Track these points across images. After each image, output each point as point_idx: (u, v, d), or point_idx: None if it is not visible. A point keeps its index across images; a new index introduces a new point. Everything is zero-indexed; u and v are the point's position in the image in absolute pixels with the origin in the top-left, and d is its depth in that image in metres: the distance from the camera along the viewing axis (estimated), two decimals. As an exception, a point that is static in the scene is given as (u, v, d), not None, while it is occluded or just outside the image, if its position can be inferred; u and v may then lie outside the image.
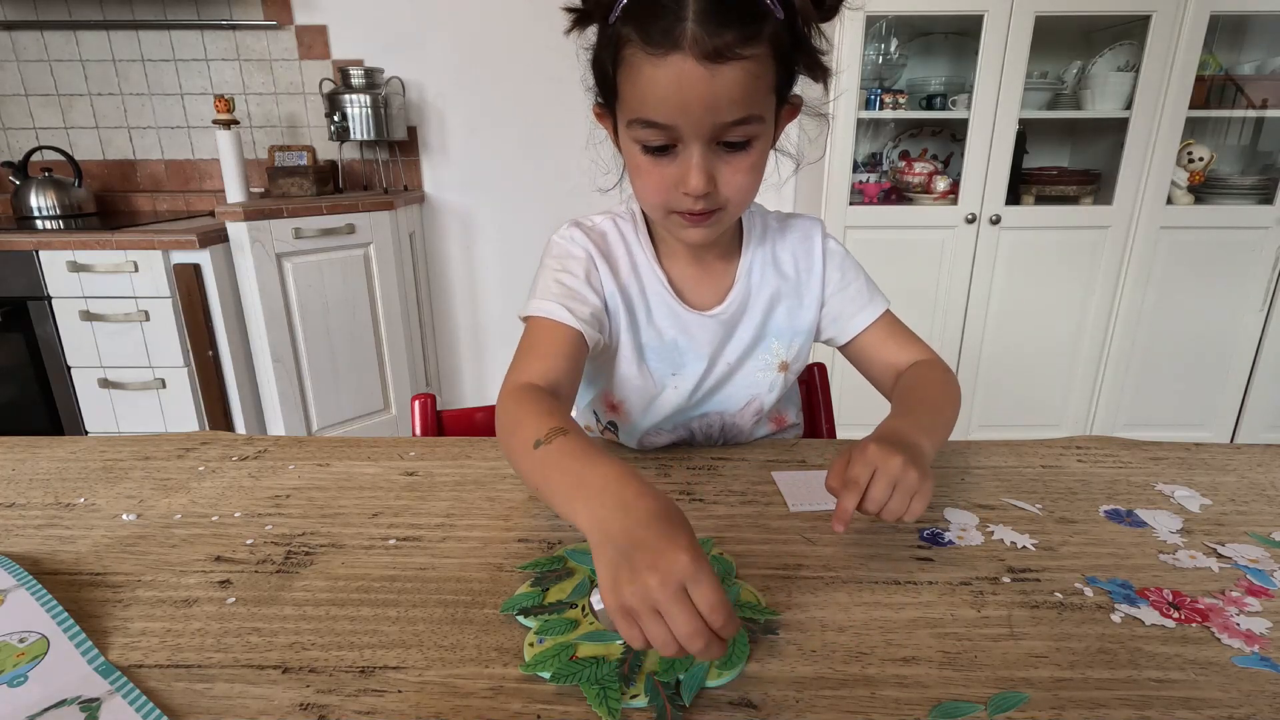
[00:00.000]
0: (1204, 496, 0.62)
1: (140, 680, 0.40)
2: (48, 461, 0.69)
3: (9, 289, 1.75)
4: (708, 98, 0.53)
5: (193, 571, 0.51)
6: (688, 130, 0.56)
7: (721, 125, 0.55)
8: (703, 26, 0.51)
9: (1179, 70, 1.88)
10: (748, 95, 0.55)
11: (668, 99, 0.54)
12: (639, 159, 0.60)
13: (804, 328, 0.76)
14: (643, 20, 0.53)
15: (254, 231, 1.75)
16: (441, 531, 0.56)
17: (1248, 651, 0.42)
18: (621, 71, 0.57)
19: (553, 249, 0.72)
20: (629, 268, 0.72)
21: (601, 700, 0.38)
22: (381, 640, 0.43)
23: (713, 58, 0.52)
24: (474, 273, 2.42)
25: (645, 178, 0.61)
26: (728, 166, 0.59)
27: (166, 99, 2.22)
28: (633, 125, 0.58)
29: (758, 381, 0.76)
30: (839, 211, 2.02)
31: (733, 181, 0.59)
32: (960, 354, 2.15)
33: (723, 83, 0.53)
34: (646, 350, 0.73)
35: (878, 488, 0.49)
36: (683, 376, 0.73)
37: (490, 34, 2.17)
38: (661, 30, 0.52)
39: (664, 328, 0.72)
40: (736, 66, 0.53)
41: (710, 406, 0.76)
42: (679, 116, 0.55)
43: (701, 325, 0.72)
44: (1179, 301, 2.07)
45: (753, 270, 0.74)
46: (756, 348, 0.75)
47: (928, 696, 0.39)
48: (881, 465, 0.49)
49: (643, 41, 0.53)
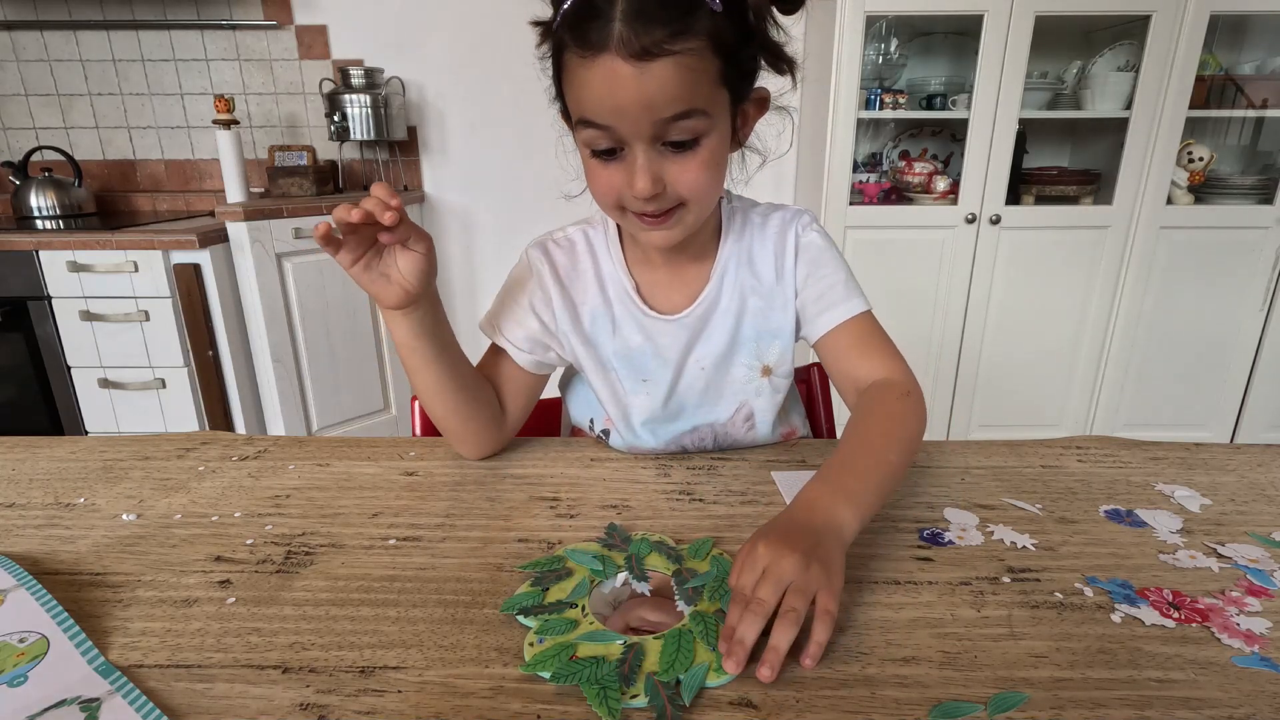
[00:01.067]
0: (1204, 496, 0.62)
1: (140, 680, 0.40)
2: (48, 461, 0.69)
3: (9, 289, 1.76)
4: (640, 96, 0.53)
5: (193, 571, 0.51)
6: (627, 130, 0.56)
7: (660, 123, 0.55)
8: (630, 25, 0.51)
9: (1179, 70, 1.88)
10: (685, 91, 0.54)
11: (602, 100, 0.54)
12: (589, 163, 0.61)
13: (780, 329, 0.72)
14: (576, 24, 0.54)
15: (254, 231, 1.75)
16: (441, 531, 0.56)
17: (1248, 651, 0.42)
18: (564, 77, 0.57)
19: (513, 270, 0.75)
20: (594, 279, 0.72)
21: (601, 700, 0.38)
22: (381, 640, 0.43)
23: (640, 55, 0.51)
24: (474, 273, 2.42)
25: (596, 181, 0.61)
26: (675, 166, 0.58)
27: (166, 99, 2.22)
28: (578, 128, 0.58)
29: (742, 388, 0.73)
30: (839, 211, 2.02)
31: (682, 180, 0.58)
32: (960, 354, 2.15)
33: (654, 79, 0.52)
34: (615, 359, 0.72)
35: (764, 590, 0.42)
36: (653, 383, 0.72)
37: (490, 34, 2.17)
38: (593, 31, 0.52)
39: (629, 335, 0.72)
40: (668, 62, 0.52)
41: (699, 419, 0.73)
42: (615, 117, 0.55)
43: (665, 330, 0.71)
44: (1179, 301, 2.07)
45: (726, 271, 0.71)
46: (735, 352, 0.72)
47: (928, 696, 0.39)
48: (771, 566, 0.43)
49: (576, 45, 0.54)
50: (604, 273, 0.73)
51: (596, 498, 0.62)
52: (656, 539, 0.54)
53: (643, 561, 0.51)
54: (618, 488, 0.64)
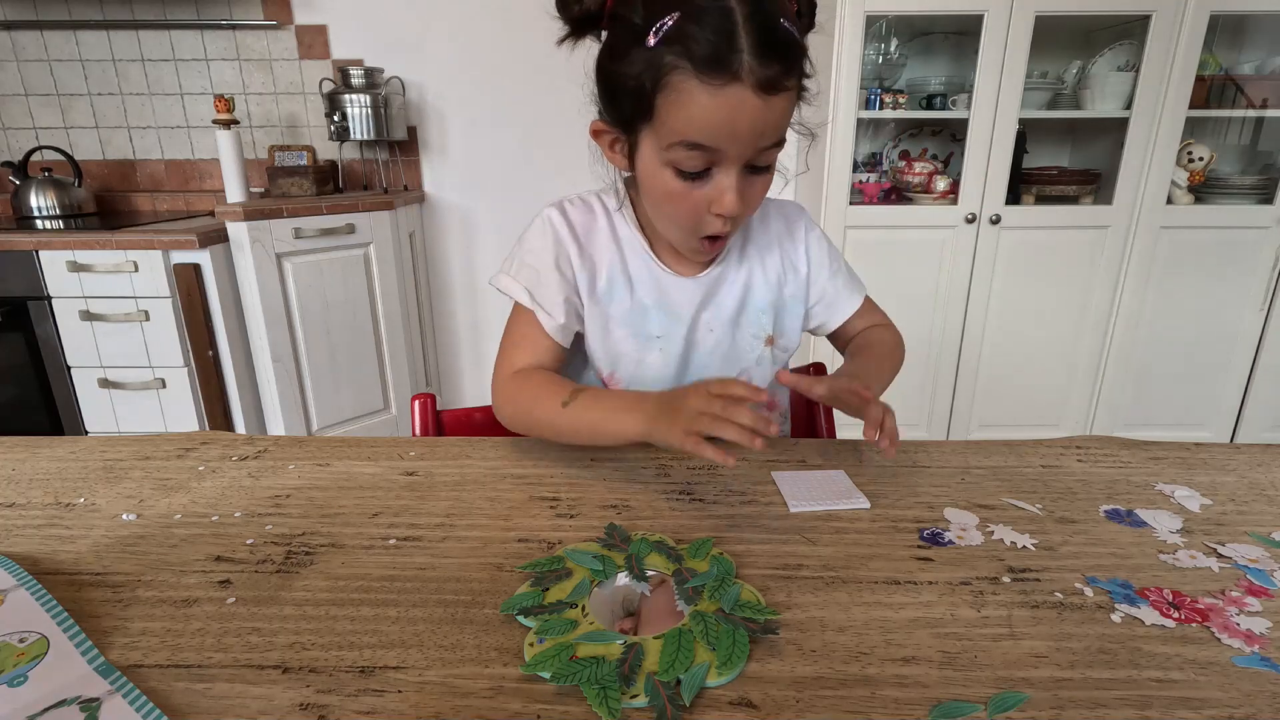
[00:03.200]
0: (1204, 496, 0.62)
1: (140, 680, 0.40)
2: (48, 461, 0.69)
3: (9, 289, 1.76)
4: (760, 125, 0.57)
5: (193, 571, 0.51)
6: (732, 154, 0.59)
7: (760, 150, 0.60)
8: (759, 59, 0.54)
9: (1179, 70, 1.88)
10: (786, 122, 0.60)
11: (721, 126, 0.57)
12: (671, 183, 0.62)
13: (788, 304, 0.79)
14: (695, 48, 0.55)
15: (254, 231, 1.75)
16: (441, 531, 0.56)
17: (1248, 651, 0.42)
18: (666, 95, 0.58)
19: (532, 232, 0.76)
20: (610, 239, 0.75)
21: (601, 700, 0.38)
22: (381, 640, 0.43)
23: (767, 89, 0.55)
24: (474, 273, 2.42)
25: (678, 202, 0.63)
26: (750, 188, 0.63)
27: (166, 99, 2.22)
28: (673, 148, 0.60)
29: (745, 353, 0.78)
30: (839, 211, 2.02)
31: (752, 200, 0.64)
32: (960, 354, 2.15)
33: (774, 112, 0.57)
34: (631, 315, 0.75)
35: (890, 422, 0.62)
36: (668, 339, 0.75)
37: (490, 34, 2.17)
38: (719, 60, 0.54)
39: (647, 291, 0.75)
40: (784, 97, 0.57)
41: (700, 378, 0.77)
42: (728, 142, 0.58)
43: (680, 287, 0.75)
44: (1179, 301, 2.07)
45: (736, 248, 0.77)
46: (741, 317, 0.78)
47: (928, 696, 0.39)
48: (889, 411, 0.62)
49: (696, 70, 0.55)
50: (620, 233, 0.76)
51: (596, 498, 0.62)
52: (656, 539, 0.54)
53: (643, 561, 0.51)
54: (618, 488, 0.64)
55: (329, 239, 1.89)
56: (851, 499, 0.60)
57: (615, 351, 0.76)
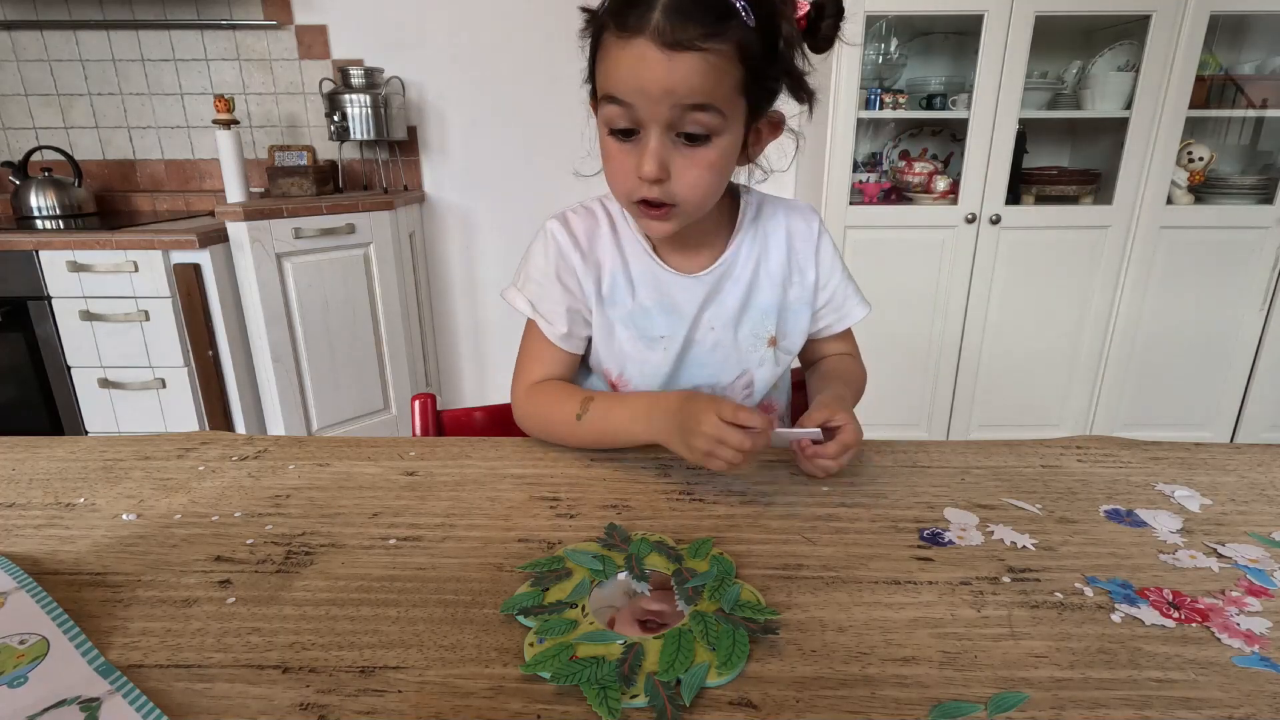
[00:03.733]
0: (1204, 496, 0.62)
1: (140, 680, 0.40)
2: (48, 461, 0.69)
3: (9, 289, 1.76)
4: (664, 81, 0.58)
5: (193, 571, 0.51)
6: (645, 111, 0.60)
7: (678, 109, 0.59)
8: (668, 17, 0.56)
9: (1179, 70, 1.88)
10: (706, 85, 0.58)
11: (628, 78, 0.59)
12: (608, 144, 0.65)
13: (794, 306, 0.79)
14: (620, 9, 0.59)
15: (254, 231, 1.75)
16: (441, 531, 0.56)
17: (1248, 651, 0.42)
18: (599, 54, 0.63)
19: (535, 245, 0.77)
20: (612, 242, 0.76)
21: (601, 700, 0.38)
22: (381, 640, 0.43)
23: (672, 45, 0.57)
24: (474, 273, 2.42)
25: (611, 162, 0.66)
26: (683, 159, 0.62)
27: (166, 99, 2.22)
28: (601, 103, 0.63)
29: (747, 355, 0.78)
30: (839, 211, 2.02)
31: (686, 175, 0.63)
32: (960, 354, 2.15)
33: (679, 69, 0.57)
34: (634, 316, 0.76)
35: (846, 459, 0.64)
36: (671, 338, 0.76)
37: (490, 34, 2.17)
38: (628, 15, 0.58)
39: (648, 293, 0.76)
40: (694, 56, 0.57)
41: (702, 378, 0.78)
42: (637, 96, 0.59)
43: (682, 286, 0.75)
44: (1179, 301, 2.07)
45: (742, 246, 0.77)
46: (744, 317, 0.77)
47: (928, 696, 0.39)
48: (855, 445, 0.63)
49: (616, 27, 0.59)
50: (622, 236, 0.76)
51: (596, 498, 0.62)
52: (656, 539, 0.54)
53: (643, 561, 0.51)
54: (618, 488, 0.64)
55: (329, 239, 1.89)
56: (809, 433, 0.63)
57: (622, 354, 0.76)
